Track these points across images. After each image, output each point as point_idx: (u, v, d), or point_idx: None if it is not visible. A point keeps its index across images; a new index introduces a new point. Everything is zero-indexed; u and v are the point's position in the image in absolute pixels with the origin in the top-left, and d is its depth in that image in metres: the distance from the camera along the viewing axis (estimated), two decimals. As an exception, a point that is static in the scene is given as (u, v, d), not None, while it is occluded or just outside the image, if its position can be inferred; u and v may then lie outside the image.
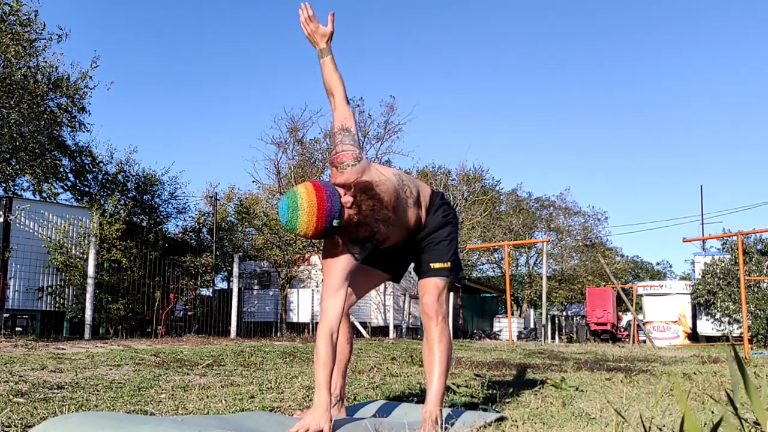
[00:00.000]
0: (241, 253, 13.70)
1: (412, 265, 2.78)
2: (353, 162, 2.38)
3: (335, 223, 2.21)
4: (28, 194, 13.41)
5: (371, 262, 2.73)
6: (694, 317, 20.74)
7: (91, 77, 12.75)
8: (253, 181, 21.30)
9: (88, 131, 13.85)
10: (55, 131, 12.77)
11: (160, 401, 3.19)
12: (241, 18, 51.66)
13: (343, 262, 2.36)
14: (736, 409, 1.32)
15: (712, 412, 2.96)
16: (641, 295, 22.10)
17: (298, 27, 2.64)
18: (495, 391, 3.84)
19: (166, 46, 49.85)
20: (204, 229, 16.44)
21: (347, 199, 2.23)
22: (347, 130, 2.47)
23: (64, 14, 32.28)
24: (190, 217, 16.90)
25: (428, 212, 2.65)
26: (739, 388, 1.20)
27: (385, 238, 2.49)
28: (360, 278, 2.73)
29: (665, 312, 21.12)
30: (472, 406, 3.17)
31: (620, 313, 24.65)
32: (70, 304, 10.50)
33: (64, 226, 10.63)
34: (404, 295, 17.89)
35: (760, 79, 50.53)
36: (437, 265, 2.62)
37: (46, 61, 11.95)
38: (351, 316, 2.84)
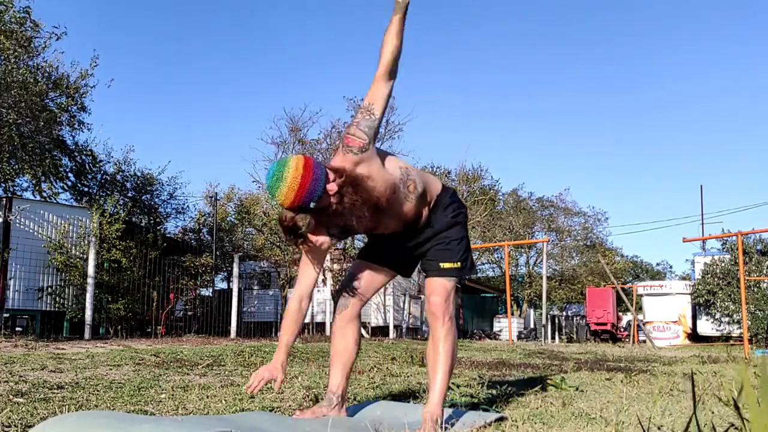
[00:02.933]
0: (241, 253, 13.70)
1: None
2: (357, 151, 2.35)
3: (312, 204, 2.27)
4: (27, 194, 13.42)
5: (377, 260, 2.73)
6: (694, 317, 20.73)
7: (91, 75, 12.75)
8: (253, 182, 21.29)
9: (88, 130, 13.87)
10: (54, 131, 12.77)
11: (160, 401, 3.19)
12: (241, 18, 51.69)
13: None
14: (738, 409, 1.32)
15: (712, 413, 2.96)
16: (641, 295, 22.10)
17: (297, 27, 2.61)
18: (495, 391, 3.83)
19: (166, 46, 49.87)
20: (204, 229, 16.44)
21: (332, 186, 2.27)
22: (370, 112, 2.40)
23: (63, 13, 32.28)
24: (189, 217, 16.91)
25: (434, 209, 2.61)
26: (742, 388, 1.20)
27: (374, 227, 2.49)
28: (369, 277, 2.74)
29: (665, 312, 21.11)
30: (472, 406, 3.17)
31: (620, 313, 24.64)
32: (70, 304, 10.50)
33: (64, 226, 10.63)
34: (404, 295, 17.88)
35: (759, 80, 50.54)
36: (447, 265, 2.59)
37: (46, 61, 11.95)
38: (359, 318, 2.83)
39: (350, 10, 51.83)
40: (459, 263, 2.59)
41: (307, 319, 16.24)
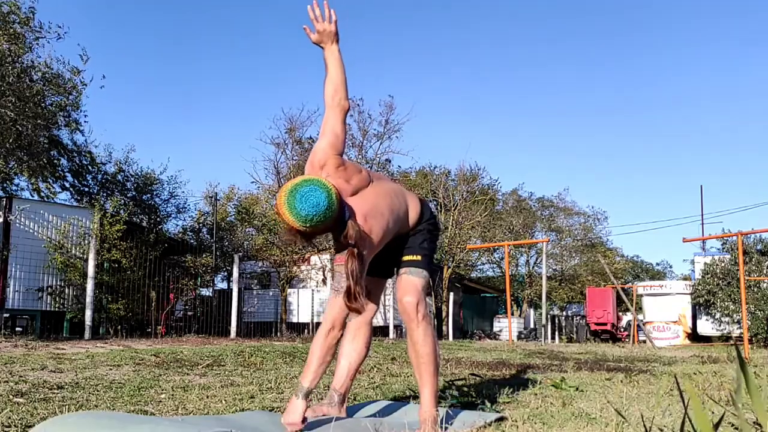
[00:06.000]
0: (241, 253, 13.70)
1: None
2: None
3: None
4: (25, 194, 13.40)
5: (377, 272, 2.76)
6: (694, 317, 20.72)
7: (81, 71, 12.59)
8: (252, 182, 21.32)
9: (80, 131, 13.79)
10: (53, 129, 12.73)
11: (160, 401, 3.19)
12: (240, 18, 51.68)
13: None
14: (737, 408, 1.32)
15: (712, 412, 2.96)
16: (641, 295, 22.08)
17: (297, 27, 2.64)
18: (495, 391, 3.83)
19: (166, 46, 49.86)
20: (204, 229, 16.44)
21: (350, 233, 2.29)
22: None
23: (60, 12, 32.28)
24: (189, 216, 16.89)
25: (416, 225, 2.68)
26: (740, 388, 1.20)
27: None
28: (375, 288, 2.79)
29: (665, 312, 21.10)
30: (471, 406, 3.17)
31: (620, 313, 24.62)
32: (70, 304, 10.50)
33: (64, 226, 10.63)
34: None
35: (759, 80, 50.54)
36: (407, 258, 2.62)
37: (41, 60, 11.90)
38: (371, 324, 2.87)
39: (349, 10, 51.82)
40: (420, 256, 2.62)
41: (307, 319, 16.25)
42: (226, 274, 16.17)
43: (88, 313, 9.45)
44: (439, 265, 20.99)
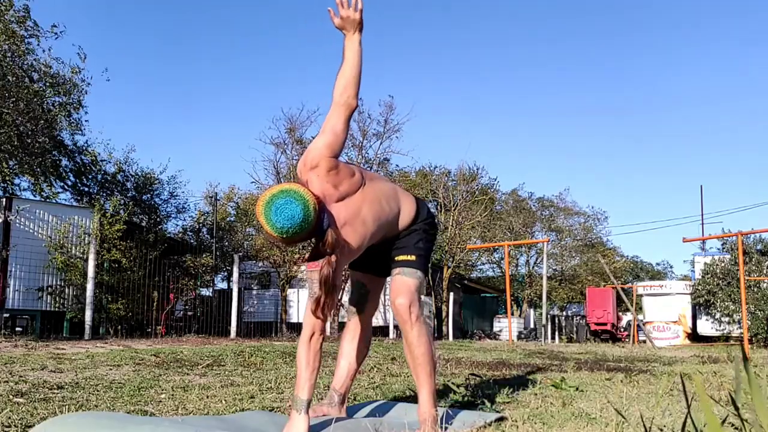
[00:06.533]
0: (241, 253, 13.70)
1: None
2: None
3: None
4: (27, 194, 13.40)
5: (363, 269, 2.76)
6: (694, 317, 20.72)
7: (80, 70, 12.58)
8: (252, 182, 21.33)
9: (81, 131, 13.79)
10: (55, 131, 12.73)
11: (160, 401, 3.19)
12: (240, 18, 51.67)
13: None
14: (737, 408, 1.32)
15: (713, 412, 2.95)
16: (641, 295, 22.08)
17: (296, 27, 2.61)
18: (495, 391, 3.83)
19: (166, 46, 49.85)
20: (204, 229, 16.44)
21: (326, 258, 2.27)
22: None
23: (60, 12, 32.27)
24: (189, 216, 16.90)
25: (410, 225, 2.64)
26: (740, 387, 1.20)
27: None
28: (375, 287, 2.78)
29: (665, 312, 21.09)
30: (471, 406, 3.17)
31: (620, 313, 24.62)
32: (70, 304, 10.50)
33: (64, 226, 10.63)
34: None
35: (759, 80, 50.53)
36: (401, 257, 2.57)
37: (41, 60, 11.90)
38: (371, 323, 2.88)
39: (350, 10, 51.65)
40: (414, 256, 2.57)
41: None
42: (226, 274, 16.17)
43: (88, 313, 9.44)
44: (438, 265, 20.99)
